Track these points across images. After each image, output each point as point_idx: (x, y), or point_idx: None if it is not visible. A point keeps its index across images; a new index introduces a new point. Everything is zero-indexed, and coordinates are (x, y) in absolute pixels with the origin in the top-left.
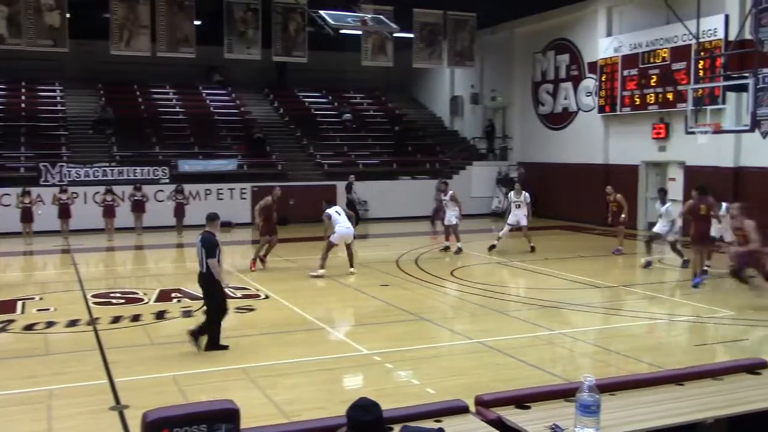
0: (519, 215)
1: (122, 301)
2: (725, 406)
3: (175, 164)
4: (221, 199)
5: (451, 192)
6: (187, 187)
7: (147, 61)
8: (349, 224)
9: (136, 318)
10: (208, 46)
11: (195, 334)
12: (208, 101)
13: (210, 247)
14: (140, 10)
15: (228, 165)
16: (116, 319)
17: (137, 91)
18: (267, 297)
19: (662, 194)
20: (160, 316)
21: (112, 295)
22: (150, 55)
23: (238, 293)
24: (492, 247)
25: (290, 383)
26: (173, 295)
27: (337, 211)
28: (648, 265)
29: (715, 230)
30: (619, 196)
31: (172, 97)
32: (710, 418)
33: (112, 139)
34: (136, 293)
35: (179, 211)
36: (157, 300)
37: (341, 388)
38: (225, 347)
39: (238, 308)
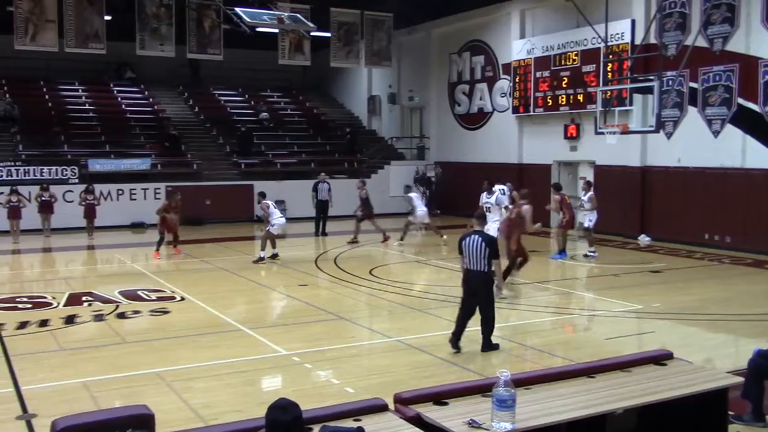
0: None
1: (29, 305)
2: (634, 396)
3: (84, 164)
4: (134, 199)
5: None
6: (98, 187)
7: (54, 56)
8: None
9: (44, 323)
10: (119, 42)
11: (489, 347)
12: (119, 99)
13: (496, 249)
14: (46, 3)
15: (141, 164)
16: (23, 325)
17: (44, 88)
18: (182, 299)
19: (587, 185)
20: (69, 320)
21: (18, 299)
22: (57, 51)
23: (153, 296)
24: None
25: (207, 386)
26: (84, 298)
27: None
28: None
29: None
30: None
31: (82, 94)
32: (620, 409)
33: (17, 137)
34: (44, 297)
35: (90, 212)
36: (67, 304)
37: (259, 390)
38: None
39: (152, 311)
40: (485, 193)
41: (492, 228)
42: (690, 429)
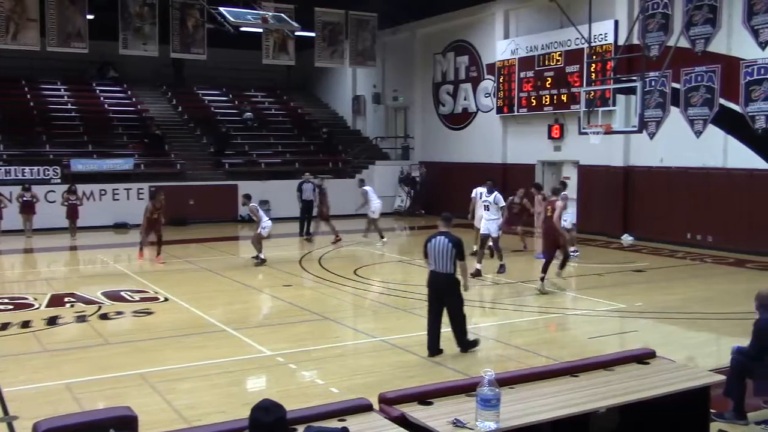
0: (488, 222)
1: (10, 307)
2: (617, 395)
3: (67, 164)
4: (117, 199)
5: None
6: (81, 188)
7: (36, 55)
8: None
9: (25, 324)
10: (102, 41)
11: (467, 346)
12: (102, 98)
13: (462, 250)
14: (28, 2)
15: (124, 164)
16: (4, 326)
17: (25, 87)
18: (166, 300)
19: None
20: (52, 321)
21: None
22: (39, 50)
23: (136, 296)
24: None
25: (190, 387)
26: (66, 299)
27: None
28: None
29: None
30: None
31: (64, 94)
32: (603, 408)
33: None
34: (26, 298)
35: (72, 213)
36: (49, 305)
37: (244, 391)
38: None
39: (135, 312)
40: (485, 191)
41: (492, 226)
42: (672, 427)
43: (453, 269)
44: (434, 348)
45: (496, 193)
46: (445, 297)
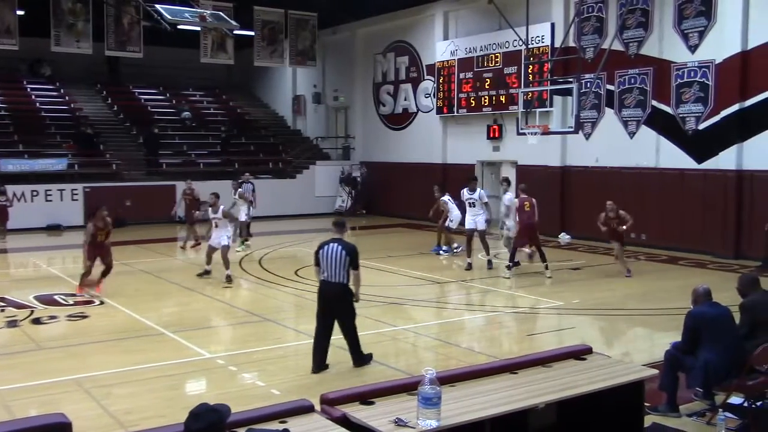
0: (473, 218)
1: None
2: (554, 391)
3: None
4: (50, 200)
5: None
6: (11, 188)
7: None
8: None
9: None
10: (33, 38)
11: (362, 360)
12: (33, 96)
13: (357, 257)
14: None
15: (57, 164)
16: None
17: None
18: (102, 303)
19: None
20: None
21: None
22: None
23: (71, 300)
24: (469, 266)
25: (128, 392)
26: None
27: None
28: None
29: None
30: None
31: None
32: (541, 404)
33: None
34: None
35: (1, 214)
36: None
37: (183, 395)
38: (370, 356)
39: (69, 316)
40: (467, 189)
41: (479, 220)
42: (608, 421)
43: (346, 279)
44: (320, 364)
45: (479, 190)
46: (335, 309)
